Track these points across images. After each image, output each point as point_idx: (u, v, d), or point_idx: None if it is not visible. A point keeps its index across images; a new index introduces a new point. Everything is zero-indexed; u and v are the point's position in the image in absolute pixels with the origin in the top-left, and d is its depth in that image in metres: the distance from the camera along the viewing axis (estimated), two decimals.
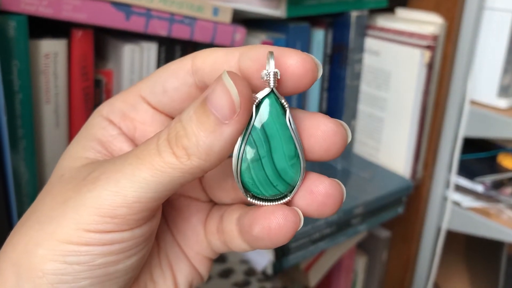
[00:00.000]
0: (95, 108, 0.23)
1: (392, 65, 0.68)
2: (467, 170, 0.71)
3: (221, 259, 0.62)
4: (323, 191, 0.20)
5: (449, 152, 0.70)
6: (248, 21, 0.59)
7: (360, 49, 0.70)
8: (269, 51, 0.19)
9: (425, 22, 0.66)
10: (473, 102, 0.67)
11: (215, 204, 0.25)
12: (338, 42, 0.68)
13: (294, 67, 0.19)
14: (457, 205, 0.70)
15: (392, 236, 0.80)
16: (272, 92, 0.19)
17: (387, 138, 0.71)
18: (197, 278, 0.25)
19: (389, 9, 0.71)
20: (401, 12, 0.70)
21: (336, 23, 0.67)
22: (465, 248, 0.88)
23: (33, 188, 0.44)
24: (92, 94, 0.48)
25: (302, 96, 0.67)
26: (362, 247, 0.82)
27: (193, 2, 0.48)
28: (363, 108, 0.73)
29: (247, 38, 0.58)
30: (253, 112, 0.19)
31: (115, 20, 0.45)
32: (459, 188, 0.71)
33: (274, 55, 0.19)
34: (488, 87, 0.66)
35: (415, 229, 0.76)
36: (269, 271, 0.58)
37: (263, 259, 0.58)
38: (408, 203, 0.74)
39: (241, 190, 0.20)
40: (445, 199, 0.72)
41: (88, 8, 0.43)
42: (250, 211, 0.21)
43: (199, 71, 0.21)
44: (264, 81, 0.19)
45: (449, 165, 0.71)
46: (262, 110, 0.19)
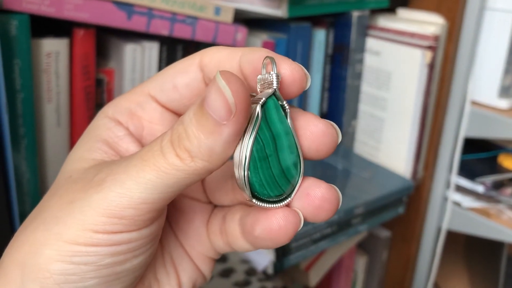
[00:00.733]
0: (97, 107, 0.23)
1: (393, 65, 0.68)
2: (468, 171, 0.71)
3: (222, 259, 0.62)
4: (320, 195, 0.20)
5: (450, 152, 0.70)
6: (250, 21, 0.59)
7: (361, 49, 0.70)
8: (269, 56, 0.19)
9: (426, 23, 0.66)
10: (474, 103, 0.68)
11: (217, 206, 0.25)
12: (339, 42, 0.68)
13: (284, 76, 0.20)
14: (458, 205, 0.71)
15: (392, 236, 0.80)
16: (275, 93, 0.20)
17: (388, 138, 0.71)
18: (201, 278, 0.25)
19: (390, 9, 0.71)
20: (402, 12, 0.70)
21: (337, 23, 0.67)
22: (465, 248, 0.88)
23: (35, 187, 0.44)
24: (94, 93, 0.48)
25: (303, 96, 0.67)
26: (362, 247, 0.82)
27: (195, 2, 0.48)
28: (364, 108, 0.73)
29: (249, 38, 0.58)
30: (259, 112, 0.19)
31: (117, 20, 0.45)
32: (460, 188, 0.71)
33: (267, 63, 0.20)
34: (489, 88, 0.66)
35: (415, 229, 0.76)
36: (270, 271, 0.58)
37: (264, 259, 0.58)
38: (409, 203, 0.74)
39: (247, 192, 0.20)
40: (446, 199, 0.72)
41: (90, 8, 0.43)
42: (252, 212, 0.21)
43: (205, 68, 0.21)
44: (262, 85, 0.20)
45: (450, 165, 0.71)
46: (268, 110, 0.20)
